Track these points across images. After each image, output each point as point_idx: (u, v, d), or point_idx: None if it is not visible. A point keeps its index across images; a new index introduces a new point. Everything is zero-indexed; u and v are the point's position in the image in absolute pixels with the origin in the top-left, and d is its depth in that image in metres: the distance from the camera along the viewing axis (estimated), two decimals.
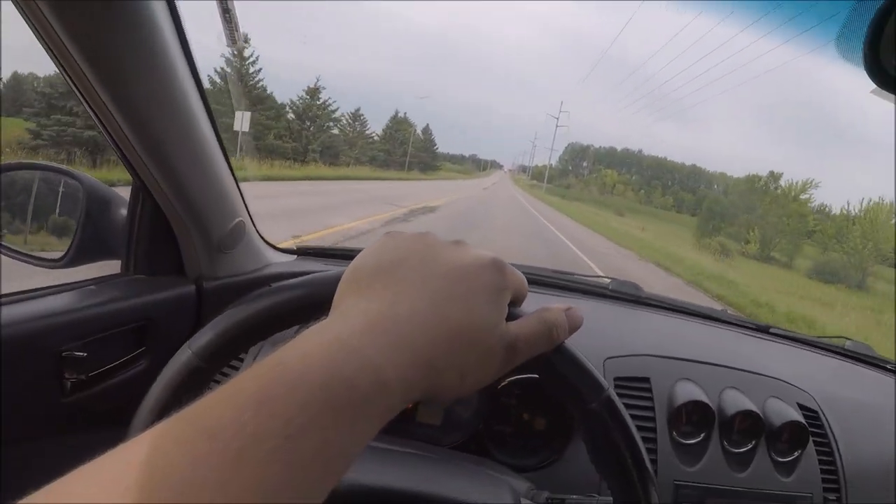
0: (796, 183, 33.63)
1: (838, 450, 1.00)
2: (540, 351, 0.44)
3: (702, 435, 0.93)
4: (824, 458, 0.99)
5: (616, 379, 0.95)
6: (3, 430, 0.74)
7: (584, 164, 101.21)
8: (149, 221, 0.92)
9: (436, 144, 57.61)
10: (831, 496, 0.96)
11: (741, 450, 0.94)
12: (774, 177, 37.97)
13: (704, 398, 0.93)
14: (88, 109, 0.73)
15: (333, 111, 30.84)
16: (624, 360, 0.98)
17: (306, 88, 30.68)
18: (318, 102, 30.03)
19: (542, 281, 1.35)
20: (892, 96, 0.52)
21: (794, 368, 1.15)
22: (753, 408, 0.94)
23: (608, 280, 1.45)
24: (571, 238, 17.61)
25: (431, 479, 0.58)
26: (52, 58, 0.67)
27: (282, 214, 8.82)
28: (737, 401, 0.96)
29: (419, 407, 0.91)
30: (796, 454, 0.96)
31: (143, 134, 0.75)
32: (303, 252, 1.32)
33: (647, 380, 0.96)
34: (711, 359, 1.06)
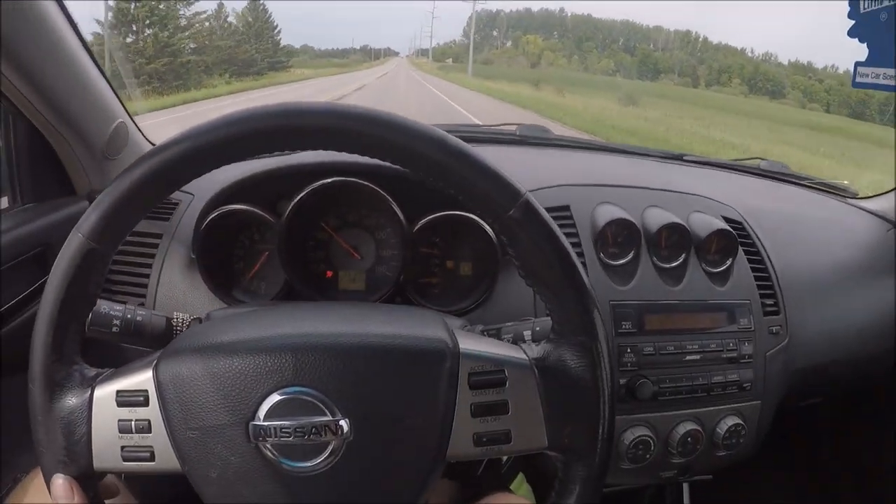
0: None
1: (769, 257, 1.02)
2: None
3: (630, 254, 0.93)
4: (756, 265, 1.00)
5: None
6: None
7: (495, 33, 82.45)
8: (27, 146, 0.90)
9: (277, 27, 35.45)
10: (768, 301, 0.98)
11: (672, 264, 0.94)
12: None
13: (628, 216, 0.92)
14: None
15: None
16: (540, 192, 0.96)
17: None
18: None
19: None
20: None
21: (714, 187, 1.14)
22: (678, 220, 0.94)
23: (515, 126, 1.37)
24: None
25: (357, 321, 0.56)
26: None
27: None
28: (660, 217, 0.95)
29: (339, 274, 0.91)
30: (728, 263, 0.96)
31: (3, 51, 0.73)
32: None
33: (566, 207, 0.95)
34: (629, 182, 1.05)
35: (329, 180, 0.84)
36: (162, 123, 9.91)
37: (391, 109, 0.44)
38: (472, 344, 0.55)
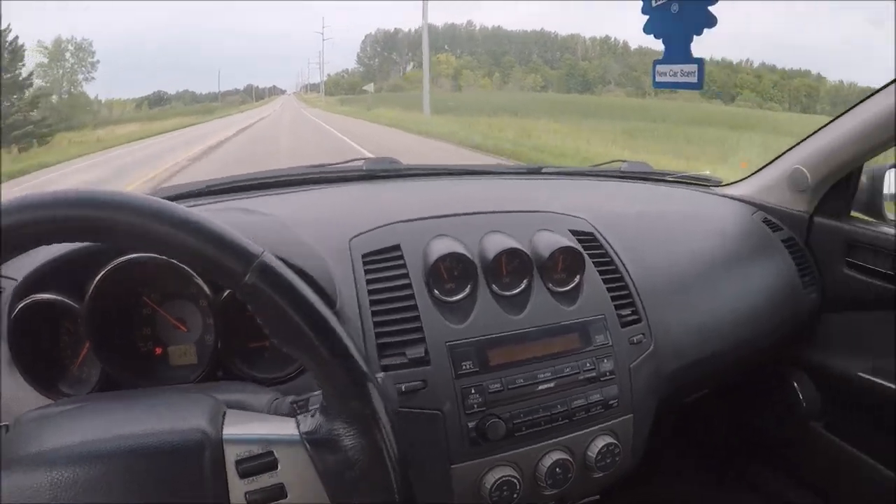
0: None
1: (624, 265, 1.00)
2: None
3: (467, 287, 0.87)
4: (609, 276, 0.97)
5: (364, 256, 0.88)
6: None
7: (395, 56, 70.77)
8: None
9: (21, 61, 18.26)
10: (625, 312, 0.95)
11: (514, 291, 0.89)
12: None
13: (460, 249, 0.87)
14: None
15: None
16: (371, 233, 0.92)
17: None
18: None
19: (292, 181, 1.21)
20: None
21: (568, 200, 1.14)
22: (516, 244, 0.89)
23: (363, 161, 1.30)
24: None
25: (119, 421, 0.52)
26: None
27: None
28: (498, 242, 0.90)
29: (169, 349, 0.83)
30: (576, 280, 0.92)
31: None
32: None
33: (397, 247, 0.90)
34: (472, 209, 1.01)
35: (123, 259, 0.76)
36: None
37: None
38: (237, 427, 0.51)
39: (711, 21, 0.91)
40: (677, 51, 0.94)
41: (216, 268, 0.46)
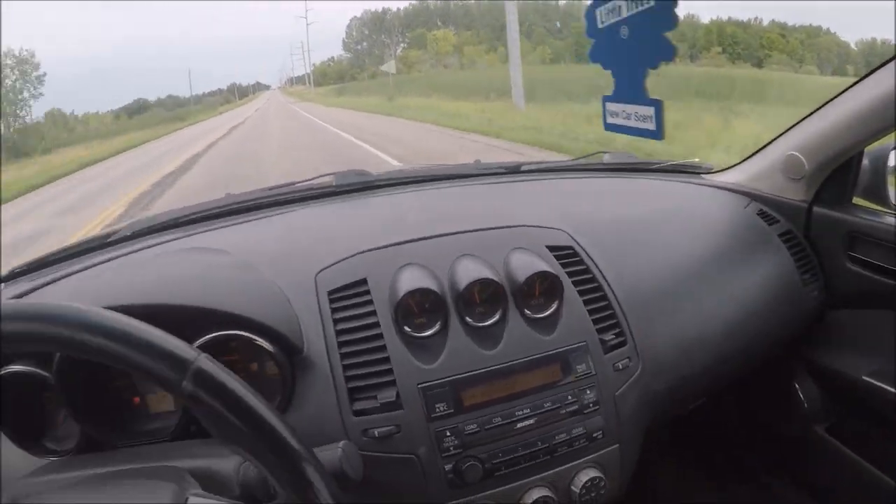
0: None
1: (607, 281, 0.92)
2: None
3: (438, 323, 0.82)
4: (592, 296, 0.89)
5: (330, 293, 0.84)
6: None
7: (384, 37, 64.94)
8: None
9: None
10: (609, 335, 0.87)
11: (488, 322, 0.83)
12: None
13: (427, 282, 0.82)
14: None
15: None
16: (336, 267, 0.87)
17: None
18: None
19: (254, 206, 1.12)
20: None
21: (547, 205, 1.07)
22: (488, 273, 0.83)
23: (331, 177, 1.19)
24: None
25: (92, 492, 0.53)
26: None
27: None
28: (469, 270, 0.84)
29: (147, 398, 0.80)
30: (554, 306, 0.85)
31: None
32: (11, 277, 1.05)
33: (363, 282, 0.84)
34: (440, 230, 0.94)
35: None
36: None
37: None
38: None
39: (668, 52, 0.75)
40: (628, 87, 0.77)
41: (153, 376, 0.45)
